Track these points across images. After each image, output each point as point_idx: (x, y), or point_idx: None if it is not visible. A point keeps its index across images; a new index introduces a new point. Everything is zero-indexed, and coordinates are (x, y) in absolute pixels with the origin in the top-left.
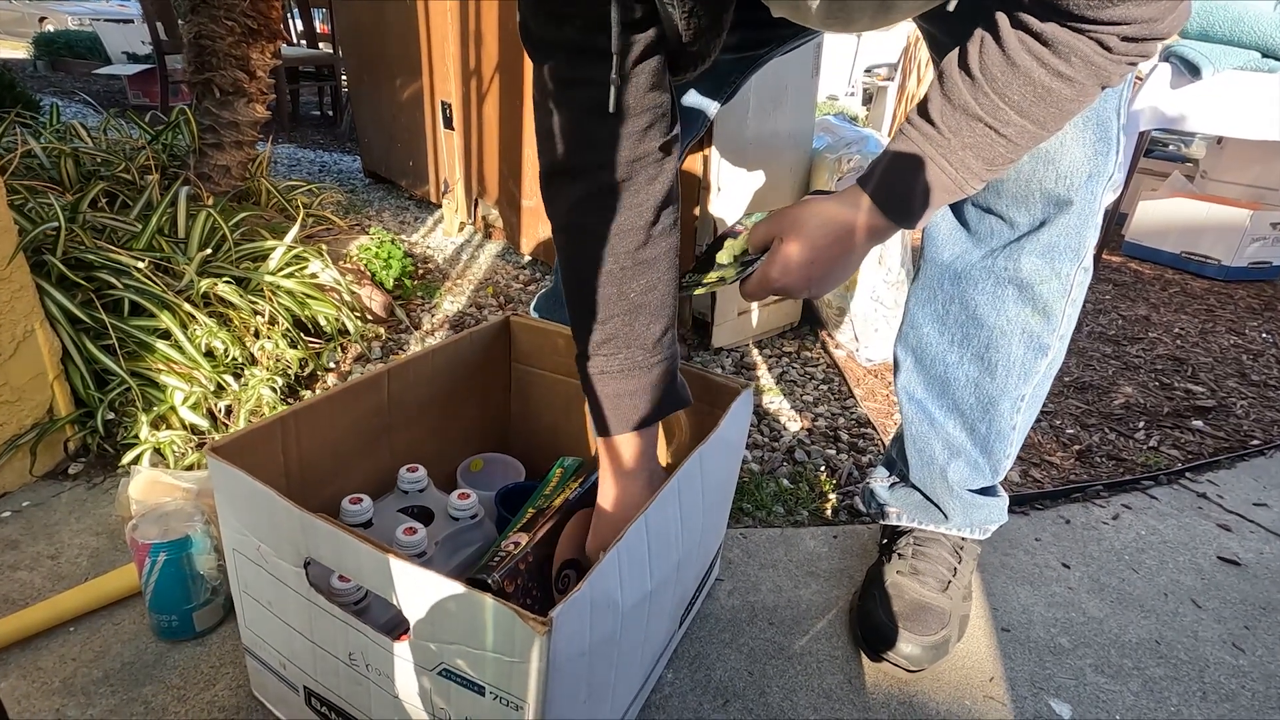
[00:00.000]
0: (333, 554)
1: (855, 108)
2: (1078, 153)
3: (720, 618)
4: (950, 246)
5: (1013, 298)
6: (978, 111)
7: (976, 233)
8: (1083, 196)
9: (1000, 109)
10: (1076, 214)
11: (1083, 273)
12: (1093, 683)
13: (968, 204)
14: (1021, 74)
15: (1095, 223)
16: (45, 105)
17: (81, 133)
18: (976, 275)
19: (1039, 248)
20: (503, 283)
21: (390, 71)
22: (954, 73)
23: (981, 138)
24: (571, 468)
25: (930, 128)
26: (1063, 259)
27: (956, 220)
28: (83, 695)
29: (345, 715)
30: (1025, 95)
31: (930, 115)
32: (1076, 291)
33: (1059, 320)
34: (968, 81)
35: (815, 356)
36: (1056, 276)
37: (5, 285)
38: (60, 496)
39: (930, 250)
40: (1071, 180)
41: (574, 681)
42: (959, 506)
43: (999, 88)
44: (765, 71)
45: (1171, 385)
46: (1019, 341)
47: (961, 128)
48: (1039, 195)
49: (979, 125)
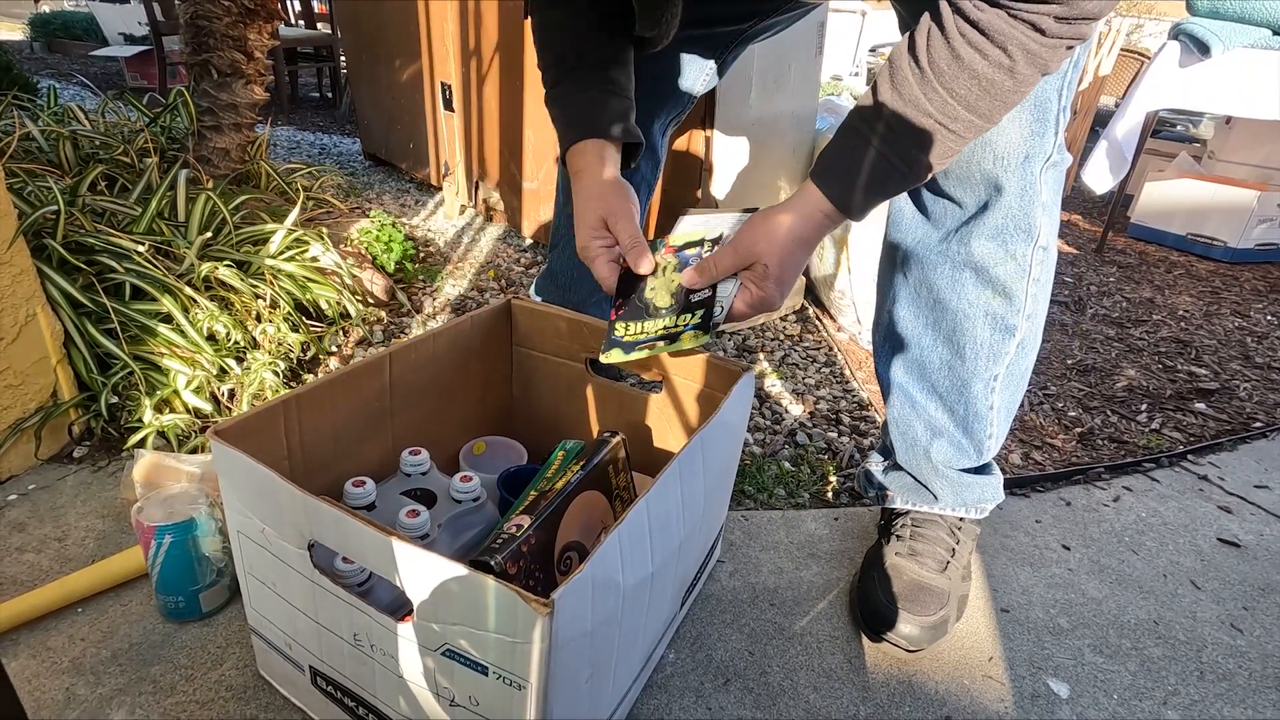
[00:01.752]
0: (336, 536)
1: (859, 88)
2: (1013, 134)
3: (721, 599)
4: (912, 230)
5: (971, 281)
6: (927, 108)
7: (933, 215)
8: (1019, 177)
9: (949, 104)
10: (1015, 195)
11: (1041, 252)
12: (1091, 662)
13: (922, 187)
14: (965, 67)
15: (1044, 202)
16: (42, 87)
17: (79, 115)
18: (935, 260)
19: (987, 230)
20: (504, 266)
21: (389, 52)
22: (904, 64)
23: (931, 133)
24: (573, 451)
25: (880, 123)
26: (1014, 240)
27: (914, 204)
28: (92, 675)
29: (351, 694)
30: (971, 90)
31: (882, 108)
32: (1038, 271)
33: (1022, 300)
34: (917, 75)
35: (817, 340)
36: (1011, 258)
37: (6, 269)
38: (66, 479)
39: (895, 235)
40: (1008, 161)
41: (576, 661)
42: (947, 486)
43: (946, 82)
44: (768, 51)
45: (1175, 368)
46: (983, 324)
47: (911, 124)
48: (979, 176)
49: (929, 121)
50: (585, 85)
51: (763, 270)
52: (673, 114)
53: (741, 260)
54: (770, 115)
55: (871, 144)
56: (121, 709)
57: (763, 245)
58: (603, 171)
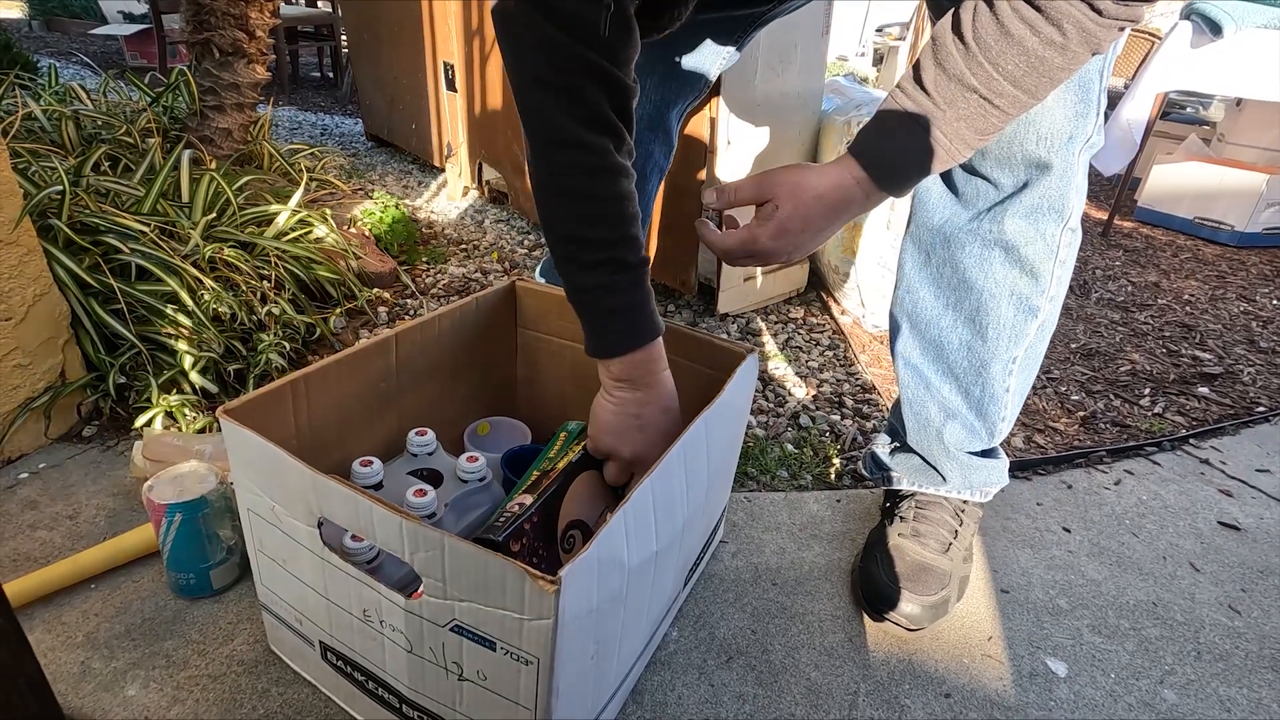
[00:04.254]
0: (346, 514)
1: (866, 69)
2: (1058, 115)
3: (725, 578)
4: (940, 210)
5: (999, 260)
6: (973, 83)
7: (964, 195)
8: (1062, 158)
9: (994, 79)
10: (1057, 176)
11: (1069, 233)
12: (1089, 642)
13: (955, 168)
14: (1015, 43)
15: (1077, 184)
16: (43, 67)
17: (81, 95)
18: (964, 238)
19: (1022, 210)
20: (508, 247)
21: (391, 31)
22: (948, 40)
23: (976, 108)
24: (575, 431)
25: (925, 98)
26: (1046, 220)
27: (945, 184)
28: (106, 649)
29: (360, 669)
30: (1019, 65)
31: (924, 84)
32: (1064, 253)
33: (1048, 281)
34: (962, 50)
35: (821, 323)
36: (1041, 238)
37: (13, 249)
38: (76, 458)
39: (922, 214)
40: (1052, 142)
41: (582, 637)
42: (956, 469)
43: (993, 57)
44: (774, 31)
45: (1179, 352)
46: (1008, 304)
47: (956, 99)
48: (1020, 157)
49: (974, 96)
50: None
51: (770, 210)
52: (689, 99)
53: (760, 193)
54: (776, 96)
55: (912, 116)
56: (135, 682)
57: (781, 186)
58: None
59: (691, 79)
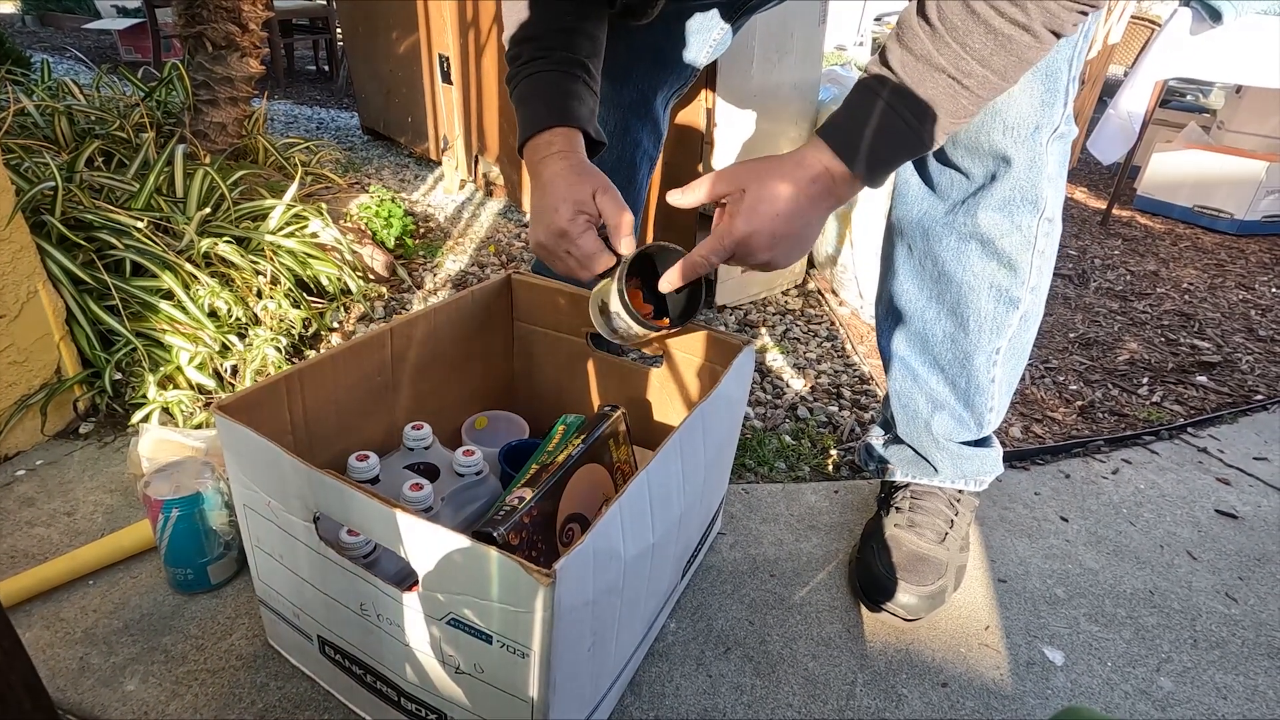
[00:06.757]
0: (342, 509)
1: (864, 58)
2: (1024, 104)
3: (722, 570)
4: (919, 203)
5: (976, 253)
6: (940, 63)
7: (939, 187)
8: (1029, 148)
9: (962, 59)
10: (1024, 166)
11: (1046, 223)
12: (1086, 631)
13: (929, 158)
14: (981, 21)
15: (1050, 174)
16: (36, 62)
17: (74, 90)
18: (941, 232)
19: (995, 202)
20: (504, 241)
21: (386, 24)
22: (913, 22)
23: (944, 89)
24: (574, 425)
25: (893, 81)
26: (1021, 212)
27: (920, 176)
28: (104, 645)
29: (359, 663)
30: (986, 44)
31: (892, 66)
32: (1043, 243)
33: (1027, 273)
34: (928, 30)
35: (819, 314)
36: (1017, 230)
37: (6, 246)
38: (73, 455)
39: (902, 207)
40: (1018, 132)
41: (578, 629)
42: (947, 459)
43: (960, 36)
44: (770, 20)
45: (1177, 341)
46: (988, 296)
47: (924, 79)
48: (987, 147)
49: (941, 77)
50: (565, 69)
51: (738, 196)
52: (675, 86)
53: (727, 185)
54: (772, 86)
55: (880, 98)
56: (134, 677)
57: (747, 173)
58: (580, 155)
59: (677, 65)
